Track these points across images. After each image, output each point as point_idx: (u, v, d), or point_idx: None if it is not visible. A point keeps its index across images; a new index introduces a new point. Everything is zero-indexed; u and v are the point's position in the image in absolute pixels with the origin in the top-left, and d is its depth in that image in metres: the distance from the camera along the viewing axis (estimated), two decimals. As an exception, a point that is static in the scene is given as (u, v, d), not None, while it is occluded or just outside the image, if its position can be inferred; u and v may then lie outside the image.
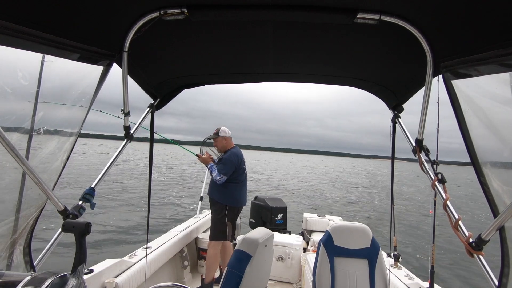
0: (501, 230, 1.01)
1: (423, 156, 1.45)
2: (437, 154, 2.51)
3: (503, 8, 0.86)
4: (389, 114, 1.86)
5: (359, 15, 1.07)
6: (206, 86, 1.96)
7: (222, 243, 3.25)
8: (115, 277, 2.12)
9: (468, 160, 1.10)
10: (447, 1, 0.95)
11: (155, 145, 1.81)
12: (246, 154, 3.51)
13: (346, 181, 28.19)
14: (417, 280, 2.48)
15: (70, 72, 1.23)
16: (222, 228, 3.15)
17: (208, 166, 3.26)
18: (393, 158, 1.94)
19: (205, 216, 4.26)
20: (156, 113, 1.84)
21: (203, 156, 3.32)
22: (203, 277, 3.20)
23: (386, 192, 19.83)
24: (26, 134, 1.10)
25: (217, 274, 3.30)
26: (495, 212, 1.04)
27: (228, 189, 3.19)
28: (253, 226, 4.50)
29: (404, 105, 1.79)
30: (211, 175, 3.18)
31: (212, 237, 3.19)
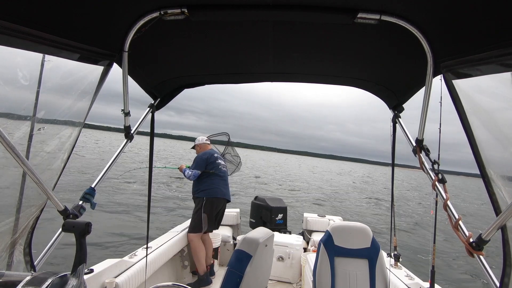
0: (503, 231, 1.01)
1: (423, 157, 1.45)
2: (438, 154, 2.51)
3: (503, 8, 0.86)
4: (416, 121, 1.81)
5: (359, 15, 1.07)
6: (227, 85, 1.96)
7: (202, 236, 3.46)
8: (115, 277, 2.11)
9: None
10: (447, 1, 0.95)
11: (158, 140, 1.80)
12: (259, 155, 3.61)
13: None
14: (417, 280, 2.47)
15: (70, 72, 1.23)
16: (197, 220, 3.40)
17: (183, 171, 3.66)
18: (393, 158, 1.93)
19: None
20: (175, 110, 1.84)
21: (179, 167, 3.78)
22: (197, 270, 3.34)
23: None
24: (26, 134, 1.10)
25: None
26: (498, 212, 1.04)
27: (205, 182, 3.49)
28: (253, 226, 4.51)
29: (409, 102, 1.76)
30: (185, 175, 3.56)
31: (189, 230, 3.43)
